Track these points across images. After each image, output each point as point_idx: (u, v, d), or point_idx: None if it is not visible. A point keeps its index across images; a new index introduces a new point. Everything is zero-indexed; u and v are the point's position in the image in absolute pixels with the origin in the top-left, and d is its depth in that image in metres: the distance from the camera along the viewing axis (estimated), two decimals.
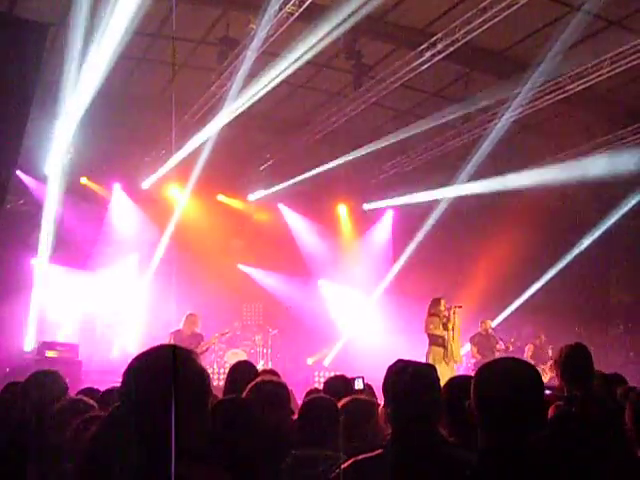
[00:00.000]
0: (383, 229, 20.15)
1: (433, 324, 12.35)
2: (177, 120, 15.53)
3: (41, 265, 15.85)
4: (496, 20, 11.82)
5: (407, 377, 3.22)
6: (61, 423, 3.84)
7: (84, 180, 17.28)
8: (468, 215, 17.83)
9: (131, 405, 2.00)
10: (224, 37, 13.38)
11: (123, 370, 2.11)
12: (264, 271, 18.93)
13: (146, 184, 17.84)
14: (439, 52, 12.97)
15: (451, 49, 12.82)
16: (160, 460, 1.94)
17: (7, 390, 5.74)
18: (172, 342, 12.52)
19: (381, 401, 5.93)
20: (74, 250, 15.95)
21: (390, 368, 3.31)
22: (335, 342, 18.27)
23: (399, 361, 3.33)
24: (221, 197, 19.18)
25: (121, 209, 17.90)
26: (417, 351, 12.14)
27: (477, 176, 16.52)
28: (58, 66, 13.16)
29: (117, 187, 17.88)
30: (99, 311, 16.09)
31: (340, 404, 4.30)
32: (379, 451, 3.23)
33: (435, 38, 12.83)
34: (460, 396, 3.71)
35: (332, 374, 14.27)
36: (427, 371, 3.34)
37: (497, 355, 14.61)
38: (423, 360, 11.06)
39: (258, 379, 4.44)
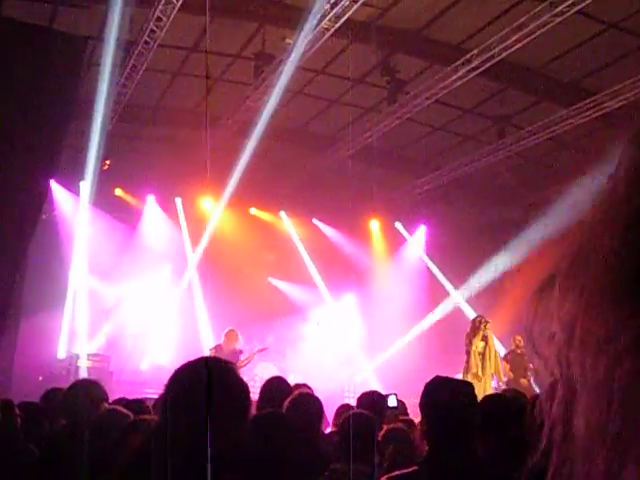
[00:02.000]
0: (416, 244, 20.10)
1: (467, 340, 12.46)
2: (212, 133, 15.63)
3: (75, 275, 15.99)
4: (532, 37, 11.81)
5: (444, 395, 3.21)
6: (100, 431, 3.88)
7: (119, 191, 17.43)
8: (505, 228, 17.65)
9: (173, 415, 2.02)
10: (260, 52, 13.47)
11: (153, 381, 2.13)
12: (294, 285, 18.95)
13: (180, 197, 17.96)
14: (474, 68, 12.96)
15: (487, 65, 12.81)
16: (197, 469, 1.96)
17: (47, 397, 5.82)
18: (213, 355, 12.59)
19: (415, 418, 5.92)
20: (107, 261, 16.07)
21: (427, 385, 3.29)
22: (366, 357, 18.22)
23: (436, 378, 3.31)
24: (253, 210, 19.24)
25: (154, 221, 18.02)
26: (452, 369, 12.10)
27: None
28: (94, 79, 13.34)
29: (151, 199, 17.99)
30: (131, 322, 16.17)
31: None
32: (414, 468, 3.21)
33: (470, 54, 12.82)
34: (496, 415, 3.69)
35: (361, 389, 14.31)
36: (464, 389, 3.32)
37: (529, 374, 14.43)
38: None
39: (295, 393, 4.45)
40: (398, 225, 20.14)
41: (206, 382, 1.95)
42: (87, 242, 16.05)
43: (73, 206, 16.39)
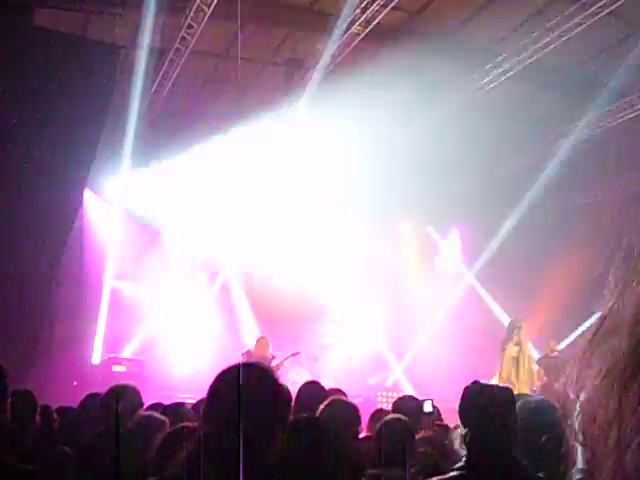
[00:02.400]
0: (449, 247, 20.00)
1: (503, 345, 12.39)
2: None
3: (109, 280, 16.11)
4: (564, 39, 11.73)
5: (483, 399, 3.18)
6: (137, 437, 3.90)
7: None
8: (538, 232, 17.52)
9: (214, 422, 2.03)
10: (290, 58, 13.51)
11: (186, 387, 2.16)
12: (325, 289, 18.90)
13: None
14: (506, 71, 12.90)
15: (518, 68, 12.75)
16: (237, 476, 1.96)
17: (87, 401, 5.88)
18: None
19: (448, 422, 5.90)
20: (141, 266, 16.20)
21: (466, 390, 3.27)
22: (397, 362, 18.18)
23: (475, 382, 3.29)
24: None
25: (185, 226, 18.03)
26: (485, 373, 12.04)
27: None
28: (127, 86, 13.46)
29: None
30: (164, 328, 16.25)
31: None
32: (454, 473, 3.20)
33: (502, 57, 12.76)
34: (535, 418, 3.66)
35: (394, 394, 14.28)
36: (503, 394, 3.29)
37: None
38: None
39: (330, 399, 4.45)
40: (430, 229, 20.04)
41: (247, 388, 1.96)
42: (120, 247, 16.16)
43: (106, 212, 16.52)
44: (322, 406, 4.46)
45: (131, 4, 11.90)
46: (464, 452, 3.27)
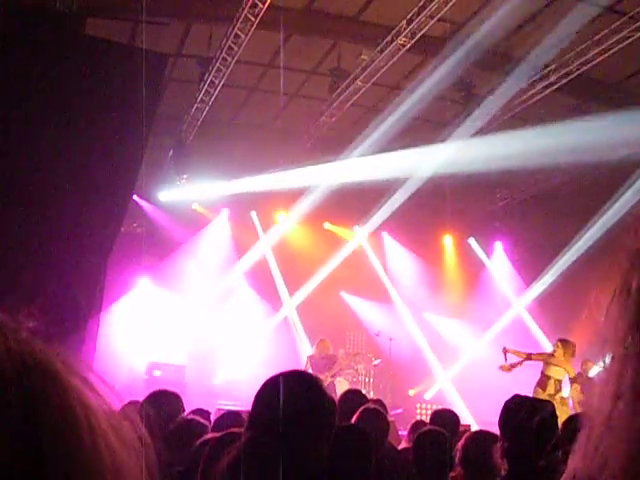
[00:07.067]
0: (491, 261, 19.83)
1: (555, 359, 12.16)
2: (287, 149, 15.77)
3: (151, 287, 16.26)
4: (611, 52, 11.61)
5: (524, 413, 3.17)
6: (177, 442, 3.94)
7: (196, 206, 17.66)
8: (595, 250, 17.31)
9: (267, 430, 2.05)
10: (335, 68, 13.56)
11: (226, 394, 2.18)
12: (367, 300, 18.87)
13: (255, 211, 18.13)
14: (552, 84, 12.80)
15: (564, 81, 12.64)
16: None
17: (125, 408, 5.90)
18: (308, 366, 12.80)
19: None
20: (184, 274, 16.36)
21: (507, 403, 3.26)
22: (437, 375, 18.06)
23: (516, 396, 3.28)
24: (327, 225, 19.22)
25: (226, 235, 18.14)
26: (524, 388, 11.90)
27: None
28: (173, 95, 13.61)
29: (225, 213, 18.13)
30: (205, 335, 16.34)
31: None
32: None
33: (548, 70, 12.67)
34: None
35: (433, 406, 14.19)
36: (545, 407, 3.27)
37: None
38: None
39: (361, 409, 4.47)
40: (471, 241, 19.90)
41: (292, 397, 1.98)
42: (166, 255, 16.33)
43: (151, 220, 16.72)
44: (354, 418, 4.48)
45: (178, 13, 12.05)
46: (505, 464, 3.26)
